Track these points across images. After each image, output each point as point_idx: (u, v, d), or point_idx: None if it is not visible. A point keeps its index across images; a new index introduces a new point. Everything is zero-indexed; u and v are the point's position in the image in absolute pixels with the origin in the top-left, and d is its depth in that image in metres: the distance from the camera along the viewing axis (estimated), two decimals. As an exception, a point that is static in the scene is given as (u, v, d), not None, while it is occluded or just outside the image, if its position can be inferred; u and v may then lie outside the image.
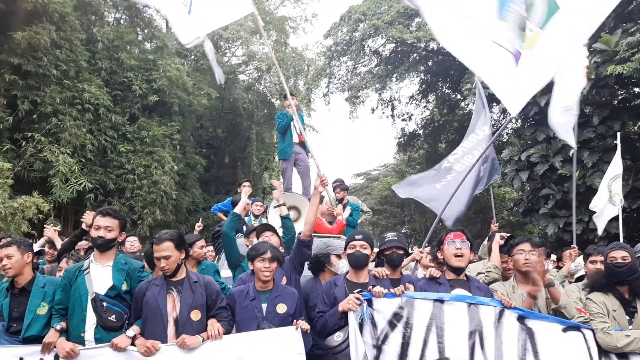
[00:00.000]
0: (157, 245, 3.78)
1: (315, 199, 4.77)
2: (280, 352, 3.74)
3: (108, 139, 16.80)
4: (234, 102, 23.07)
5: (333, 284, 4.17)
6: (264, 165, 25.84)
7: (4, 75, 14.04)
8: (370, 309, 3.84)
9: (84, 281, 3.78)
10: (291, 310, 3.99)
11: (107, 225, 3.85)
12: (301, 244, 4.60)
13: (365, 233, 4.35)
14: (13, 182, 13.28)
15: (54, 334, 3.68)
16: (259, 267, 4.01)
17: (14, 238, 4.19)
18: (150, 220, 16.70)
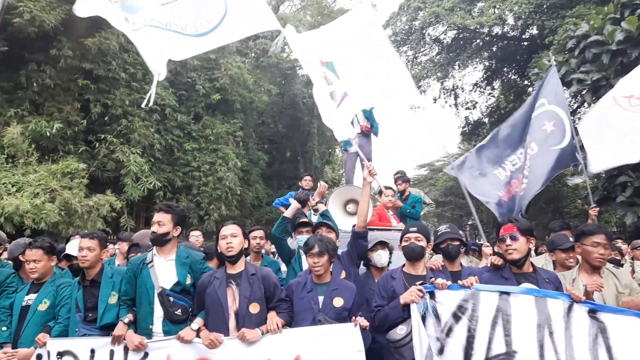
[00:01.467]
0: (225, 225, 3.94)
1: (365, 189, 4.72)
2: (339, 349, 3.71)
3: (174, 138, 17.40)
4: (294, 97, 23.25)
5: (390, 277, 4.09)
6: (325, 159, 25.89)
7: (77, 81, 14.80)
8: (432, 302, 3.76)
9: (149, 275, 3.90)
10: (348, 304, 3.95)
11: (159, 220, 3.96)
12: (356, 236, 4.56)
13: (420, 225, 4.25)
14: (88, 181, 14.00)
15: (123, 326, 3.83)
16: (309, 262, 4.02)
17: (98, 233, 4.38)
18: (216, 216, 17.17)
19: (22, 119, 13.91)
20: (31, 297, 4.19)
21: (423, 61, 27.61)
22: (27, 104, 14.38)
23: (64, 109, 14.73)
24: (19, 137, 13.02)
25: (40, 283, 4.24)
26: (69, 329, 4.08)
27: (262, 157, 21.51)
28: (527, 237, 3.93)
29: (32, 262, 4.22)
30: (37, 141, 13.79)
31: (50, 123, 13.90)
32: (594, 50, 14.02)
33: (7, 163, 12.88)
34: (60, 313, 4.13)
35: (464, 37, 24.88)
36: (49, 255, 4.29)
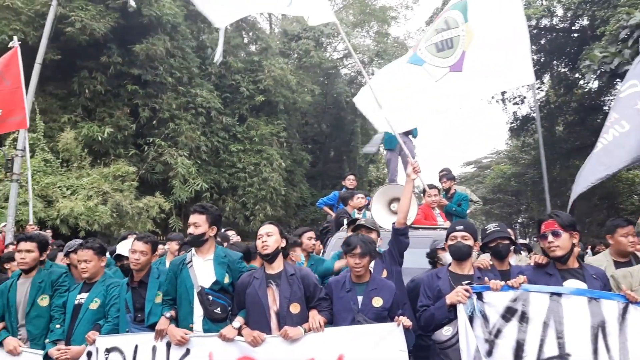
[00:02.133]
0: (262, 225, 3.99)
1: (408, 186, 4.63)
2: (381, 348, 3.65)
3: (220, 140, 17.69)
4: (337, 96, 23.26)
5: (435, 277, 3.99)
6: (369, 158, 25.76)
7: (126, 86, 15.27)
8: (480, 302, 3.65)
9: (189, 274, 3.95)
10: (387, 304, 3.87)
11: (194, 221, 4.00)
12: (397, 233, 4.47)
13: (466, 223, 4.12)
14: (138, 184, 14.40)
15: (165, 321, 3.90)
16: (351, 263, 3.96)
17: (151, 237, 4.47)
18: (261, 216, 17.35)
19: (75, 124, 14.45)
20: (83, 297, 4.31)
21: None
22: (79, 110, 14.94)
23: (115, 114, 15.21)
24: (72, 142, 13.53)
25: (91, 283, 4.36)
26: (120, 328, 4.17)
27: (305, 157, 21.61)
28: (570, 232, 3.74)
29: (83, 262, 4.34)
30: (90, 145, 14.30)
31: (102, 128, 14.38)
32: (649, 40, 13.37)
33: (62, 167, 13.40)
34: (110, 312, 4.24)
35: (511, 31, 24.16)
36: (99, 255, 4.40)
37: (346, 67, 25.42)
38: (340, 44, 25.05)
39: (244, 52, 20.22)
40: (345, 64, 25.37)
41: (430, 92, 6.13)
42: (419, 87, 6.18)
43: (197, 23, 18.96)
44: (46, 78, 13.52)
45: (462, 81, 6.06)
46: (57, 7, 10.14)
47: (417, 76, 6.23)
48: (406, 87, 6.23)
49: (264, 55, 19.61)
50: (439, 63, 6.12)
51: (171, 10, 15.52)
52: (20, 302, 4.35)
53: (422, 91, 6.17)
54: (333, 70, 23.31)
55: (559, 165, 28.41)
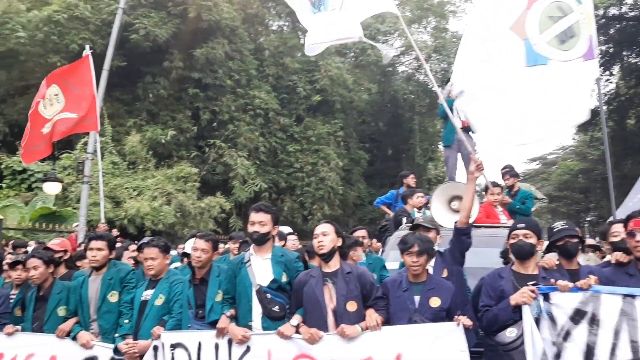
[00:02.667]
0: (318, 224, 4.00)
1: (470, 185, 4.48)
2: (440, 348, 3.55)
3: (278, 140, 17.91)
4: (395, 94, 23.03)
5: (498, 276, 3.83)
6: (428, 156, 25.37)
7: (187, 90, 15.74)
8: (547, 303, 3.50)
9: (247, 273, 3.99)
10: (445, 304, 3.76)
11: (260, 220, 4.03)
12: (459, 233, 4.34)
13: (528, 221, 3.95)
14: (200, 184, 14.81)
15: (225, 319, 3.97)
16: (407, 261, 3.89)
17: (212, 235, 4.59)
18: (319, 215, 17.41)
19: (140, 128, 15.04)
20: (149, 293, 4.45)
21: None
22: (144, 113, 15.55)
23: (177, 117, 15.72)
24: (138, 144, 14.09)
25: (156, 280, 4.50)
26: (183, 324, 4.29)
27: (363, 156, 21.52)
28: None
29: (149, 259, 4.48)
30: (154, 148, 14.83)
31: (165, 131, 14.89)
32: None
33: (128, 169, 13.96)
34: (174, 308, 4.36)
35: (577, 22, 23.17)
36: (164, 253, 4.54)
37: (403, 65, 25.11)
38: (397, 41, 24.77)
39: (301, 53, 20.35)
40: (402, 61, 25.06)
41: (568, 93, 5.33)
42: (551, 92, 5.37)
43: (255, 26, 19.30)
44: (113, 84, 14.11)
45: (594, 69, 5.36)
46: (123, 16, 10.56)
47: (547, 78, 5.41)
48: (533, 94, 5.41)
49: (320, 55, 19.65)
50: (569, 56, 5.35)
51: (229, 14, 15.86)
52: (92, 298, 4.54)
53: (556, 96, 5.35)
54: (390, 67, 23.09)
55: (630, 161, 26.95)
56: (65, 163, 13.32)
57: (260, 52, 18.48)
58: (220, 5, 15.56)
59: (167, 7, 15.07)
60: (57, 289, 4.63)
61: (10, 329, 4.40)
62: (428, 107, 24.89)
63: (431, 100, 24.43)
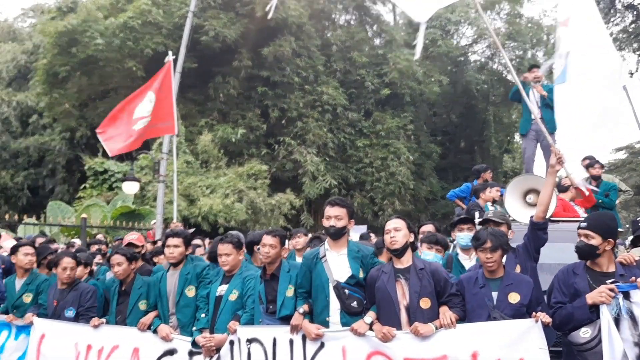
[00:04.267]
0: (390, 220, 3.91)
1: (550, 178, 4.22)
2: (519, 346, 3.38)
3: (346, 135, 17.83)
4: (467, 84, 22.34)
5: (572, 273, 3.60)
6: (504, 147, 24.50)
7: (256, 88, 15.97)
8: (627, 302, 3.25)
9: (324, 269, 3.95)
10: (525, 300, 3.55)
11: (336, 214, 3.98)
12: (535, 227, 4.10)
13: (592, 218, 3.65)
14: (270, 182, 15.00)
15: (299, 316, 3.95)
16: (482, 258, 3.71)
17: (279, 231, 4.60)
18: (390, 211, 17.19)
19: (212, 127, 15.42)
20: (223, 288, 4.51)
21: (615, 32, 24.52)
22: (215, 113, 15.93)
23: (247, 115, 16.00)
24: (209, 144, 14.45)
25: (230, 275, 4.54)
26: (255, 319, 4.30)
27: (435, 150, 21.04)
28: None
29: (224, 255, 4.53)
30: (225, 146, 15.17)
31: (235, 129, 15.19)
32: None
33: (201, 168, 14.35)
34: (247, 303, 4.39)
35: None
36: (237, 249, 4.57)
37: (476, 54, 24.31)
38: (468, 30, 24.01)
39: (368, 46, 20.15)
40: (474, 50, 24.27)
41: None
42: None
43: (321, 21, 19.30)
44: (186, 85, 14.58)
45: None
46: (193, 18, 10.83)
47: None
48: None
49: (389, 48, 19.40)
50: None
51: (296, 11, 15.93)
52: (170, 292, 4.66)
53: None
54: (462, 57, 22.43)
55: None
56: (142, 163, 13.88)
57: (328, 47, 18.45)
58: (287, 2, 15.66)
59: (235, 8, 15.35)
60: (138, 284, 4.78)
61: (96, 322, 4.61)
62: (503, 96, 23.95)
63: (506, 89, 23.47)
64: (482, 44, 23.63)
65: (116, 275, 4.78)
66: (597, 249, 3.48)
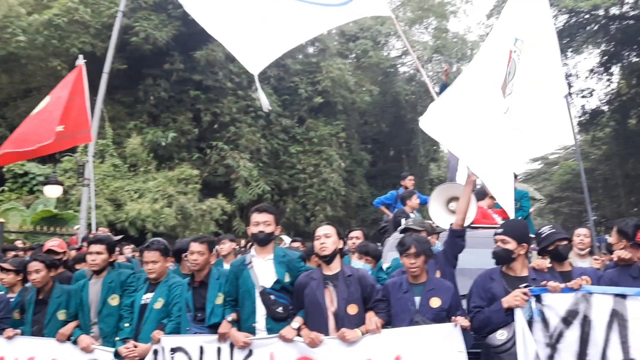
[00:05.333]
0: (320, 226, 3.99)
1: (468, 187, 4.48)
2: (439, 349, 3.57)
3: (280, 141, 17.88)
4: (396, 95, 22.99)
5: (489, 278, 3.84)
6: (431, 156, 25.35)
7: (188, 92, 15.72)
8: (539, 305, 3.51)
9: (250, 275, 3.99)
10: (446, 305, 3.77)
11: (265, 220, 4.04)
12: (454, 235, 4.34)
13: (509, 225, 3.93)
14: (201, 187, 14.79)
15: (227, 325, 3.96)
16: (406, 263, 3.89)
17: (207, 237, 4.58)
18: (321, 217, 17.40)
19: (141, 130, 15.02)
20: (148, 296, 4.43)
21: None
22: (145, 116, 15.54)
23: (178, 119, 15.71)
24: (138, 147, 14.08)
25: (156, 283, 4.48)
26: (182, 327, 4.27)
27: (365, 157, 21.49)
28: None
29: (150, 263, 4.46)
30: (155, 150, 14.82)
31: (166, 133, 14.88)
32: None
33: (129, 171, 13.95)
34: (173, 311, 4.34)
35: (577, 22, 23.16)
36: (164, 256, 4.52)
37: (405, 65, 25.11)
38: (398, 42, 24.75)
39: (302, 54, 20.33)
40: (403, 62, 25.05)
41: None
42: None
43: (256, 27, 19.26)
44: (114, 87, 14.12)
45: None
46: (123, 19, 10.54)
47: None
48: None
49: (322, 57, 19.66)
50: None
51: (230, 15, 15.82)
52: (92, 302, 4.53)
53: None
54: (392, 69, 23.07)
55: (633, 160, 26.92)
56: (66, 166, 13.30)
57: (262, 53, 18.43)
58: (222, 6, 15.53)
59: (168, 10, 15.04)
60: (57, 292, 4.62)
61: (11, 333, 4.37)
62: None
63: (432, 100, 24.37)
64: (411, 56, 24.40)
65: (33, 284, 4.59)
66: (513, 253, 3.74)
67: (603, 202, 30.78)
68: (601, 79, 26.91)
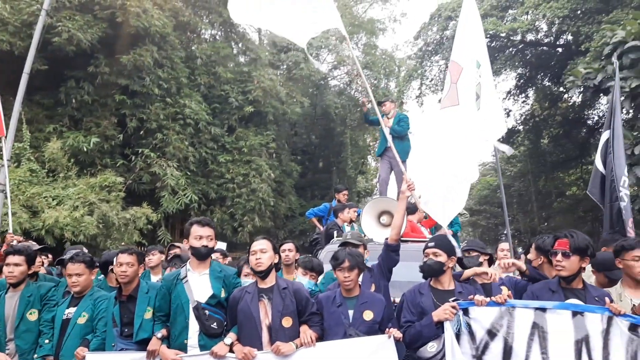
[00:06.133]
0: (256, 240, 3.99)
1: (402, 203, 4.64)
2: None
3: (208, 150, 17.58)
4: (327, 107, 23.30)
5: (418, 293, 4.03)
6: (359, 169, 25.82)
7: (114, 96, 15.15)
8: (466, 318, 3.69)
9: (184, 290, 3.93)
10: (378, 317, 3.89)
11: (208, 234, 4.01)
12: (388, 249, 4.49)
13: (438, 239, 4.15)
14: (125, 194, 14.25)
15: (156, 341, 3.86)
16: (340, 277, 3.98)
17: (135, 249, 4.45)
18: (249, 227, 17.25)
19: (61, 134, 14.30)
20: (71, 311, 4.26)
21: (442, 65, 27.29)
22: (66, 119, 14.80)
23: (102, 123, 15.08)
24: (58, 151, 13.38)
25: (80, 296, 4.30)
26: (107, 343, 4.12)
27: (295, 168, 21.57)
28: (579, 256, 3.79)
29: (75, 275, 4.28)
30: (76, 155, 14.14)
31: (88, 138, 14.24)
32: (631, 56, 13.61)
33: (47, 177, 13.23)
34: (98, 326, 4.19)
35: (497, 45, 24.56)
36: (90, 269, 4.35)
37: (335, 79, 25.53)
38: (329, 56, 25.16)
39: (234, 63, 20.19)
40: (334, 76, 25.47)
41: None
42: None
43: (187, 33, 18.94)
44: (34, 88, 13.39)
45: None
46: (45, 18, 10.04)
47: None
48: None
49: (254, 66, 19.61)
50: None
51: (160, 20, 15.46)
52: (8, 316, 4.28)
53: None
54: (322, 81, 23.37)
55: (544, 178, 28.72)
56: (-23, 170, 12.42)
57: (192, 60, 18.14)
58: (151, 11, 15.14)
59: (94, 10, 14.46)
60: (-32, 307, 4.32)
61: None
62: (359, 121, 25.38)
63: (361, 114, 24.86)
64: (341, 70, 24.91)
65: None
66: (444, 266, 3.92)
67: (517, 217, 32.58)
68: (517, 100, 28.62)
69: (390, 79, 26.10)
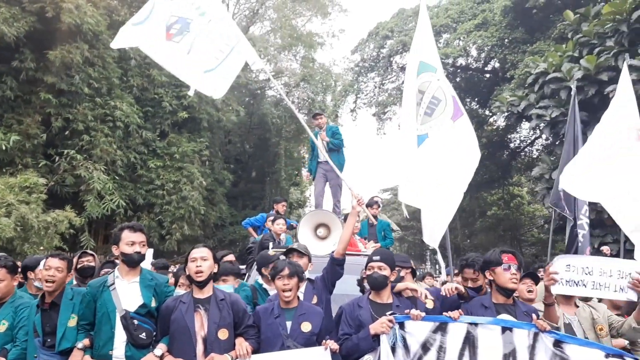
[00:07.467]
0: (196, 248, 3.87)
1: (352, 219, 4.70)
2: None
3: (138, 155, 17.05)
4: (263, 117, 23.26)
5: (356, 306, 4.08)
6: (293, 180, 25.86)
7: (39, 93, 14.40)
8: (402, 332, 3.78)
9: (111, 297, 3.76)
10: (316, 329, 3.91)
11: (141, 240, 3.88)
12: (334, 263, 4.53)
13: (383, 253, 4.24)
14: (47, 196, 13.53)
15: (78, 353, 3.67)
16: (279, 285, 3.97)
17: (66, 255, 4.23)
18: (178, 235, 16.85)
19: (-21, 130, 13.43)
20: (-11, 319, 3.99)
21: (390, 88, 28.12)
22: (-16, 115, 13.92)
23: (24, 121, 14.29)
24: (-26, 149, 12.55)
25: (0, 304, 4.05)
26: (28, 353, 3.89)
27: (227, 177, 21.32)
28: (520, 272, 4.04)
29: (-6, 282, 4.02)
30: (-6, 153, 13.31)
31: (7, 135, 13.44)
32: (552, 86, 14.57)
33: (-39, 175, 12.37)
34: (18, 335, 3.95)
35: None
36: (12, 274, 4.11)
37: (272, 89, 25.59)
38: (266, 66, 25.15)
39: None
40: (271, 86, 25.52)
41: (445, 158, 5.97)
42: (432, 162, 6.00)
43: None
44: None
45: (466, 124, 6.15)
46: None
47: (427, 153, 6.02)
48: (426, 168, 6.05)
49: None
50: (440, 122, 6.03)
51: (93, 18, 14.91)
52: None
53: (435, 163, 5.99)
54: (259, 91, 23.32)
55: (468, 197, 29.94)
56: None
57: (126, 61, 17.58)
58: (84, 8, 14.58)
59: (22, 3, 13.74)
60: None
61: None
62: (295, 132, 25.52)
63: (297, 126, 25.09)
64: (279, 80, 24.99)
65: None
66: (388, 279, 4.01)
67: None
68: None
69: (327, 93, 26.46)
